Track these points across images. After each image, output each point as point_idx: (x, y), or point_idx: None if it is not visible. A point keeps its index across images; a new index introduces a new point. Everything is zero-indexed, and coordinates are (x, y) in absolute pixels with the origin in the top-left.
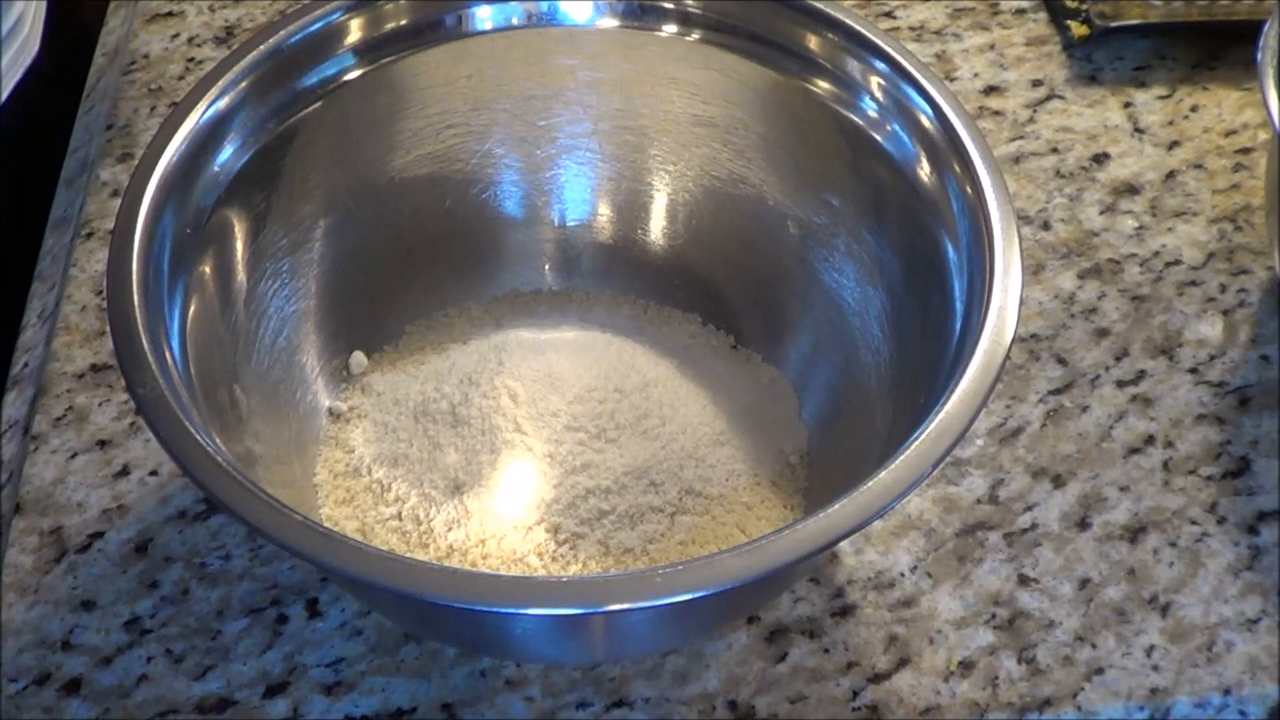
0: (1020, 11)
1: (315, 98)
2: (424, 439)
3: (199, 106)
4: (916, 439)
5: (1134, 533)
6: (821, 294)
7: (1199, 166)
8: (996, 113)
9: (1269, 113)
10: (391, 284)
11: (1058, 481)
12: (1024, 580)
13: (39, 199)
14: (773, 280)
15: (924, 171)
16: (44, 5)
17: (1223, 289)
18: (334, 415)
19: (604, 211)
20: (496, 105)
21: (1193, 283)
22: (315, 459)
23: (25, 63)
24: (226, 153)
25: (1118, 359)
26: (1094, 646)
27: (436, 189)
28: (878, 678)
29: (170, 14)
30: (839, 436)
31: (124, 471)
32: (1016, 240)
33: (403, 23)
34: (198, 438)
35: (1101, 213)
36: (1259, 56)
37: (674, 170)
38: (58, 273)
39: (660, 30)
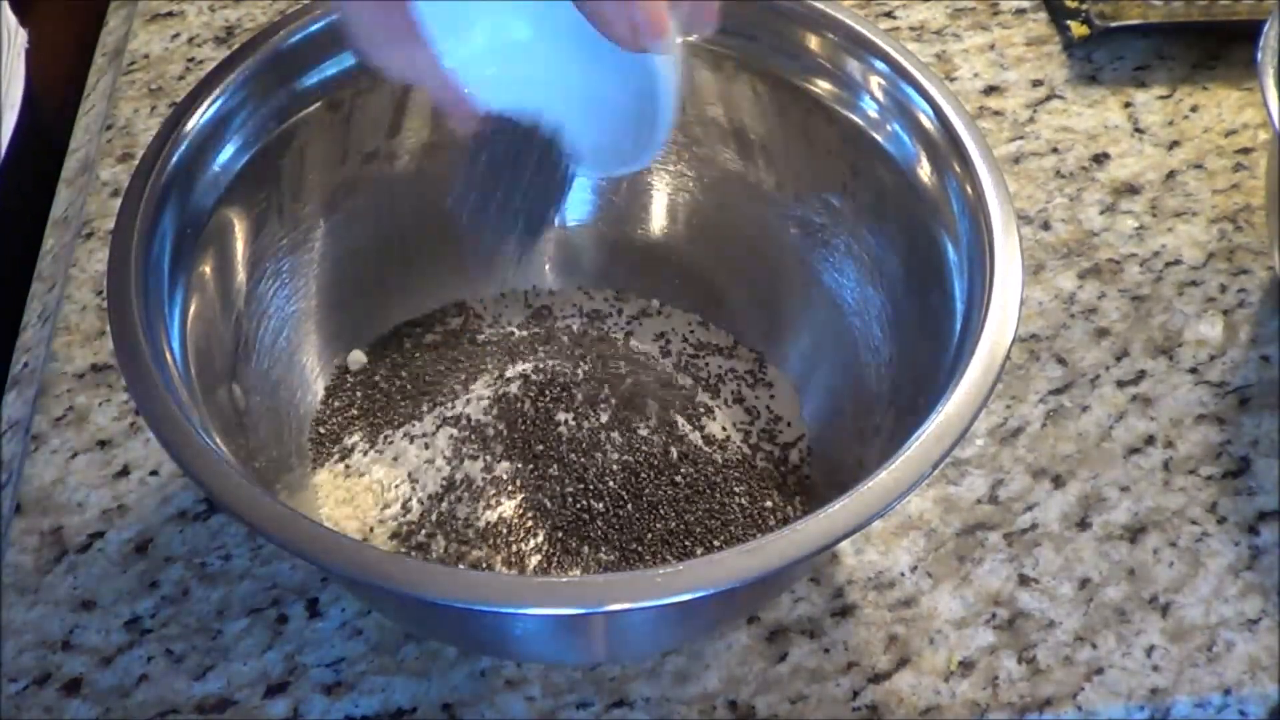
0: (1020, 11)
1: (315, 98)
2: (424, 439)
3: (199, 106)
4: (916, 439)
5: (1134, 533)
6: (821, 294)
7: (1199, 166)
8: (996, 113)
9: (1269, 113)
10: (391, 284)
11: (1058, 481)
12: (1024, 580)
13: (39, 199)
14: (773, 280)
15: (924, 171)
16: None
17: (1223, 289)
18: (333, 415)
19: (604, 211)
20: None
21: (1193, 283)
22: (315, 459)
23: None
24: (226, 153)
25: (1118, 359)
26: (1094, 646)
27: (436, 189)
28: (878, 678)
29: (170, 14)
30: (839, 436)
31: (124, 471)
32: (1016, 240)
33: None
34: (198, 438)
35: (1101, 213)
36: (1259, 56)
37: (674, 170)
38: (58, 273)
39: None
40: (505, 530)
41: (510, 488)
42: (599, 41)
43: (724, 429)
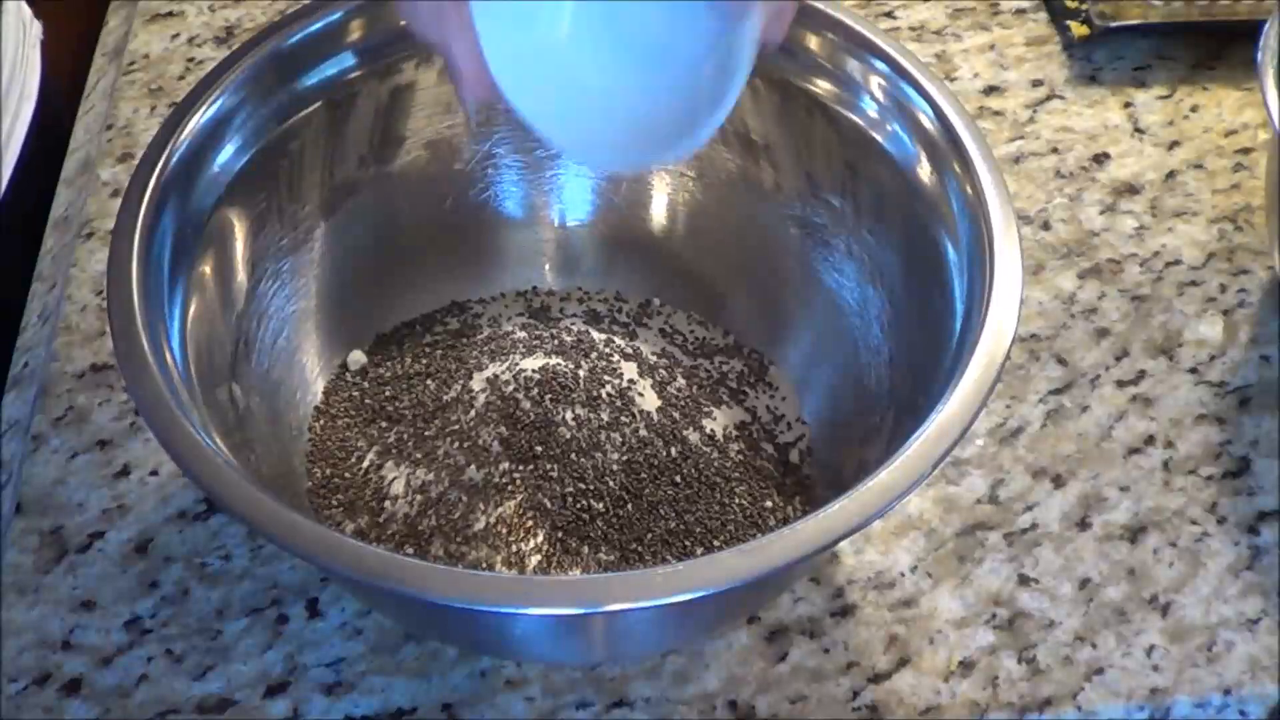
0: (1020, 11)
1: (315, 98)
2: (423, 439)
3: (199, 106)
4: (916, 439)
5: (1134, 533)
6: (821, 294)
7: (1199, 166)
8: (996, 113)
9: (1269, 113)
10: (391, 284)
11: (1058, 481)
12: (1024, 580)
13: (39, 199)
14: (773, 280)
15: (924, 171)
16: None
17: (1223, 289)
18: (333, 415)
19: (604, 211)
20: (496, 105)
21: (1193, 283)
22: (315, 459)
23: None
24: (226, 153)
25: (1118, 359)
26: (1094, 646)
27: (436, 189)
28: (878, 678)
29: (170, 14)
30: (839, 436)
31: (124, 471)
32: (1016, 240)
33: (403, 23)
34: (198, 438)
35: (1101, 213)
36: (1259, 56)
37: (674, 170)
38: (58, 273)
39: None
40: (505, 530)
41: (510, 488)
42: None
43: (724, 429)
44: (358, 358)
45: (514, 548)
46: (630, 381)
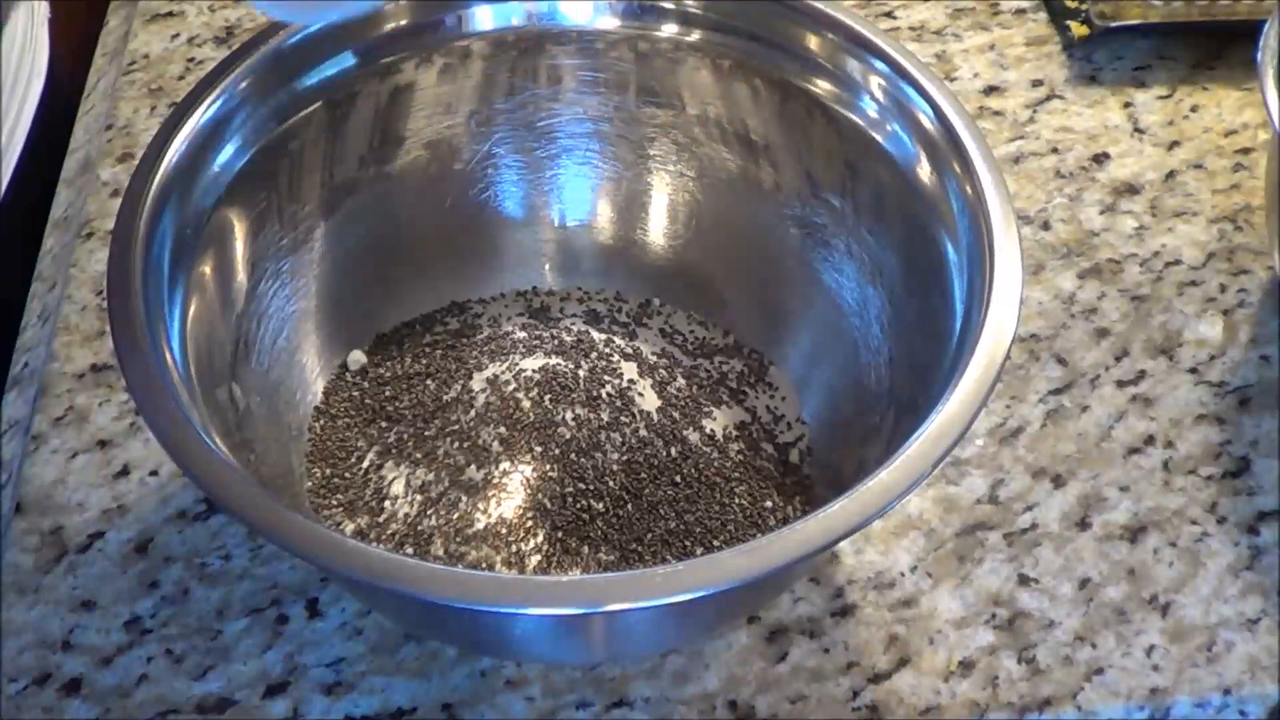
0: (1020, 11)
1: (315, 98)
2: (423, 439)
3: (199, 106)
4: (916, 439)
5: (1134, 533)
6: (821, 294)
7: (1199, 166)
8: (996, 113)
9: (1269, 113)
10: (391, 284)
11: (1058, 481)
12: (1024, 580)
13: (39, 199)
14: (773, 280)
15: (924, 171)
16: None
17: (1223, 289)
18: (333, 415)
19: (604, 211)
20: (496, 105)
21: (1193, 283)
22: (314, 459)
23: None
24: (226, 153)
25: (1118, 359)
26: (1094, 646)
27: (436, 189)
28: (878, 678)
29: (170, 14)
30: (839, 436)
31: (124, 471)
32: (1016, 240)
33: (403, 23)
34: (198, 438)
35: (1101, 213)
36: (1259, 56)
37: (674, 170)
38: (58, 273)
39: (660, 30)
40: (505, 530)
41: (510, 488)
42: None
43: (724, 429)
44: (358, 358)
45: (514, 548)
46: (630, 381)
